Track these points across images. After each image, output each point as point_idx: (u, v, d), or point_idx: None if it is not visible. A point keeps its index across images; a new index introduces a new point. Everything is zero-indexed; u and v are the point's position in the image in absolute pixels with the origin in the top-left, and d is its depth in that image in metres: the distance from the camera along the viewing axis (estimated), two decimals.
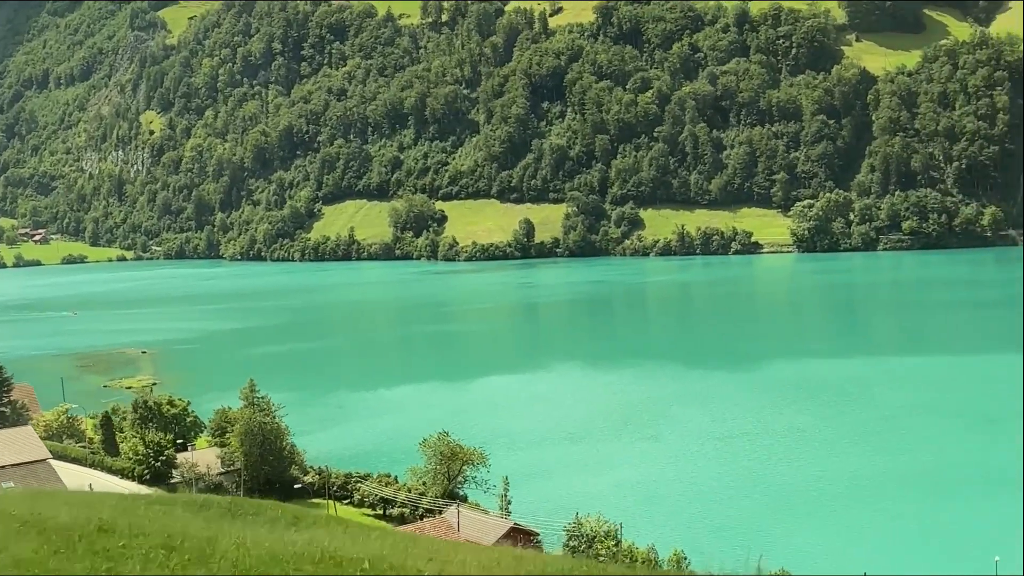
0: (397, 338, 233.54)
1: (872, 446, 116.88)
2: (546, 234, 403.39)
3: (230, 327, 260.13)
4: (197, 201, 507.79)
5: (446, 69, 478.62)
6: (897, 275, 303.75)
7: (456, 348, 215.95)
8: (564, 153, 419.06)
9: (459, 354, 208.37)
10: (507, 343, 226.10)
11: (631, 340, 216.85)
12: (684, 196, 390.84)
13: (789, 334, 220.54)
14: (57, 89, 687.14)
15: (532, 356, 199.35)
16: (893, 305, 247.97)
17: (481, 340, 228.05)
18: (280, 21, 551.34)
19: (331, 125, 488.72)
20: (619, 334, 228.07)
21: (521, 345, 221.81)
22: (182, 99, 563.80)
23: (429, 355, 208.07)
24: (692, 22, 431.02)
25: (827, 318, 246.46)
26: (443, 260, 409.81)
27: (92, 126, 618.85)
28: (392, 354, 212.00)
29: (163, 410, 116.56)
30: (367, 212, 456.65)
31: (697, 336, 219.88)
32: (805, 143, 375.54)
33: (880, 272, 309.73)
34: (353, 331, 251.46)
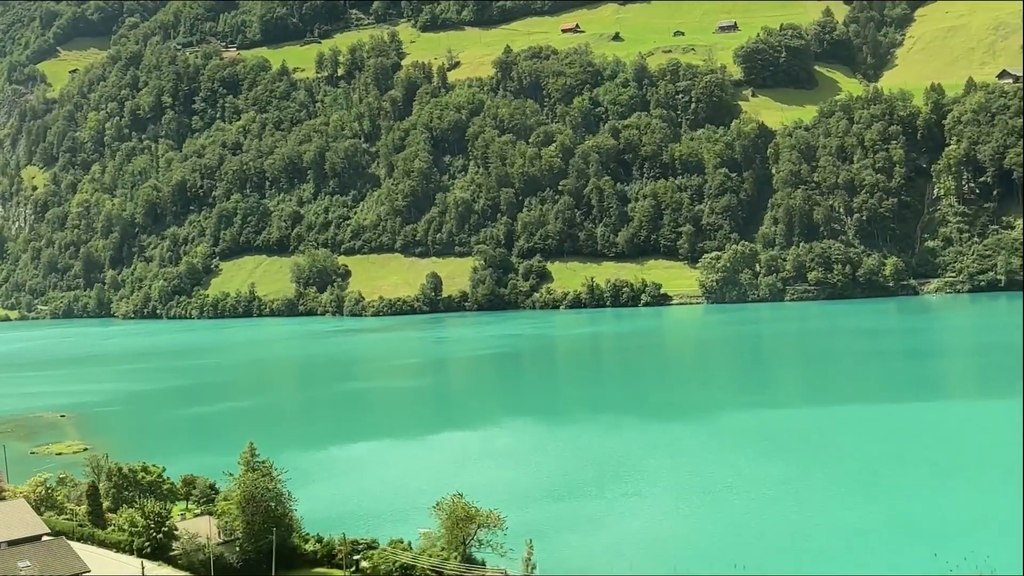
0: (329, 396, 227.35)
1: (859, 495, 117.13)
2: (453, 288, 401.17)
3: (145, 388, 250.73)
4: (85, 258, 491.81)
5: (344, 123, 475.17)
6: (808, 325, 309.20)
7: (395, 405, 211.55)
8: (469, 206, 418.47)
9: (400, 411, 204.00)
10: (445, 399, 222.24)
11: (570, 393, 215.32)
12: (591, 249, 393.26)
13: (723, 384, 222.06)
14: None
15: (476, 411, 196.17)
16: (814, 354, 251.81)
17: (417, 396, 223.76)
18: (170, 74, 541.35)
19: (227, 179, 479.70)
20: (556, 388, 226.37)
21: (459, 400, 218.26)
22: (67, 154, 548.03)
23: (368, 412, 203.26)
24: (592, 76, 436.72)
25: (756, 367, 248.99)
26: (349, 315, 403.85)
27: None
28: (329, 412, 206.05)
29: (139, 477, 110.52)
30: (267, 268, 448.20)
31: (632, 388, 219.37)
32: (709, 196, 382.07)
33: (791, 322, 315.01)
34: (279, 390, 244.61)
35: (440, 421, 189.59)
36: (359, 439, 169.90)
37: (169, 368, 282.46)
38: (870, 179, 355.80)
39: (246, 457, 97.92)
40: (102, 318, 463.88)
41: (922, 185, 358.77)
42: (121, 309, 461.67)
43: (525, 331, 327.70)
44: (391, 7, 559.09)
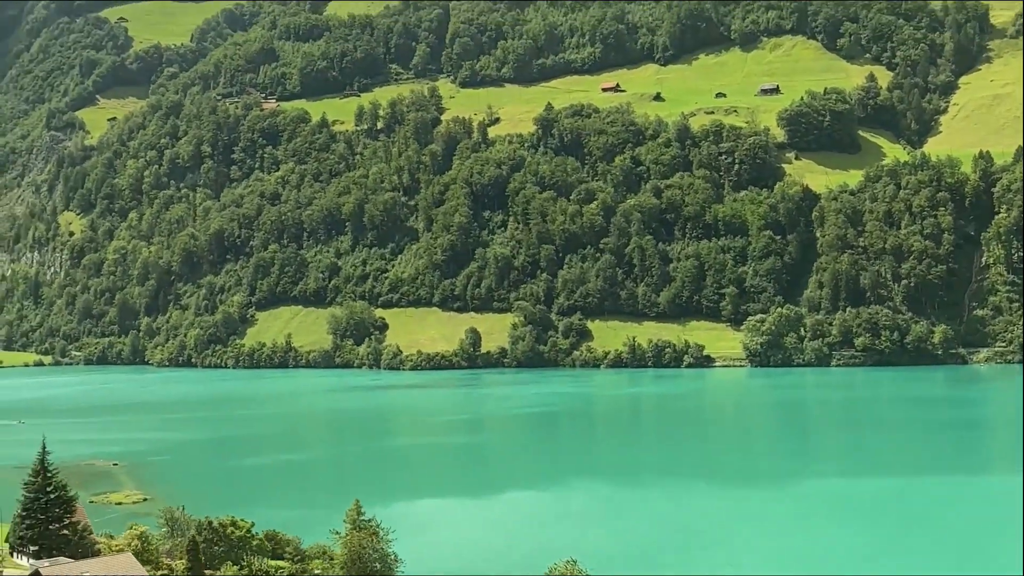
0: (381, 450, 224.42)
1: None
2: (492, 344, 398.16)
3: (193, 437, 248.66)
4: (121, 305, 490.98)
5: (384, 176, 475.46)
6: (857, 392, 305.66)
7: (450, 461, 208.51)
8: (509, 262, 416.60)
9: (457, 468, 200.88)
10: (502, 456, 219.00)
11: (629, 454, 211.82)
12: (632, 308, 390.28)
13: (778, 450, 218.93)
14: None
15: (537, 470, 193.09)
16: (870, 422, 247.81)
17: (471, 453, 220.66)
18: (210, 124, 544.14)
19: (265, 229, 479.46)
20: (613, 448, 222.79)
21: (516, 458, 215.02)
22: (105, 200, 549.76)
23: (425, 468, 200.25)
24: (633, 136, 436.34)
25: (809, 433, 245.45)
26: (387, 369, 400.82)
27: (4, 226, 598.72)
28: (385, 467, 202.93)
29: (228, 532, 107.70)
30: (304, 319, 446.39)
31: (689, 451, 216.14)
32: (753, 257, 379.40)
33: (839, 389, 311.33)
34: (328, 443, 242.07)
35: (503, 479, 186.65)
36: (424, 495, 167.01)
37: (213, 418, 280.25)
38: (918, 245, 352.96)
39: (352, 515, 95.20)
40: (136, 365, 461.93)
41: (970, 253, 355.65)
42: (156, 357, 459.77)
43: (569, 390, 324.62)
44: (431, 63, 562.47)
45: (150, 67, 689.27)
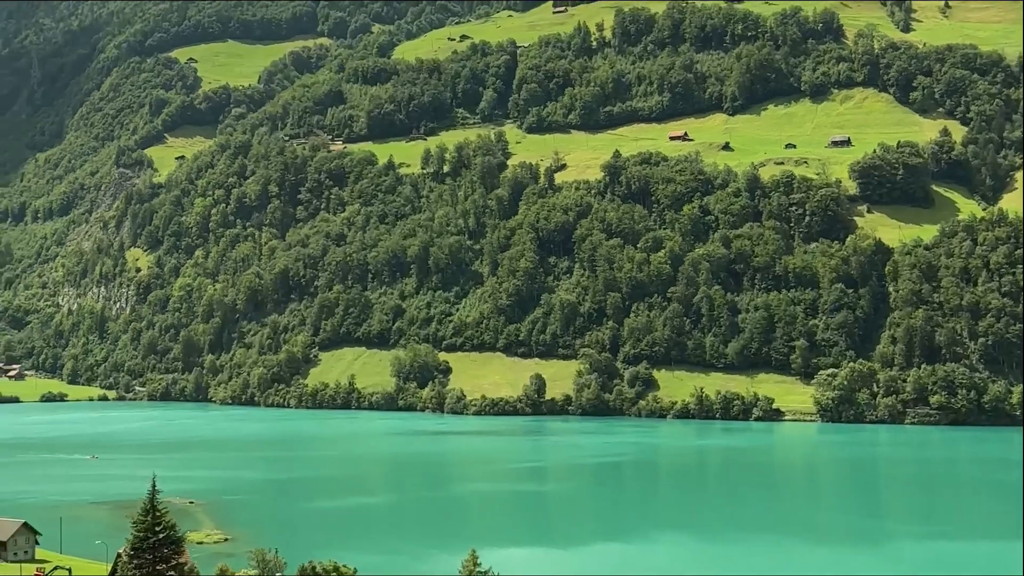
0: (457, 495, 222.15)
1: None
2: (556, 391, 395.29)
3: (266, 477, 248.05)
4: (185, 342, 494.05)
5: (449, 219, 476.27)
6: (937, 452, 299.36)
7: (530, 509, 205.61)
8: (574, 309, 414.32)
9: (539, 516, 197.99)
10: (581, 505, 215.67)
11: (711, 508, 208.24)
12: (699, 358, 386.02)
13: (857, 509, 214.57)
14: (34, 223, 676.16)
15: (620, 521, 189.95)
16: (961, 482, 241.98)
17: (550, 502, 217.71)
18: (277, 164, 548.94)
19: (330, 270, 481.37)
20: (694, 501, 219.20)
21: (596, 508, 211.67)
22: (172, 238, 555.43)
23: (504, 516, 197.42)
24: (702, 185, 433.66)
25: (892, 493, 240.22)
26: (450, 413, 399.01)
27: (71, 261, 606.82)
28: (464, 513, 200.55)
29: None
30: (367, 360, 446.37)
31: (771, 506, 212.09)
32: (824, 311, 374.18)
33: (916, 447, 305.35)
34: (403, 487, 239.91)
35: (584, 530, 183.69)
36: (509, 544, 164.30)
37: (282, 458, 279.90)
38: (996, 303, 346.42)
39: (468, 567, 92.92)
40: (199, 402, 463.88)
41: None
42: (219, 394, 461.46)
43: (637, 439, 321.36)
44: (497, 108, 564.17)
45: (218, 107, 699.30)
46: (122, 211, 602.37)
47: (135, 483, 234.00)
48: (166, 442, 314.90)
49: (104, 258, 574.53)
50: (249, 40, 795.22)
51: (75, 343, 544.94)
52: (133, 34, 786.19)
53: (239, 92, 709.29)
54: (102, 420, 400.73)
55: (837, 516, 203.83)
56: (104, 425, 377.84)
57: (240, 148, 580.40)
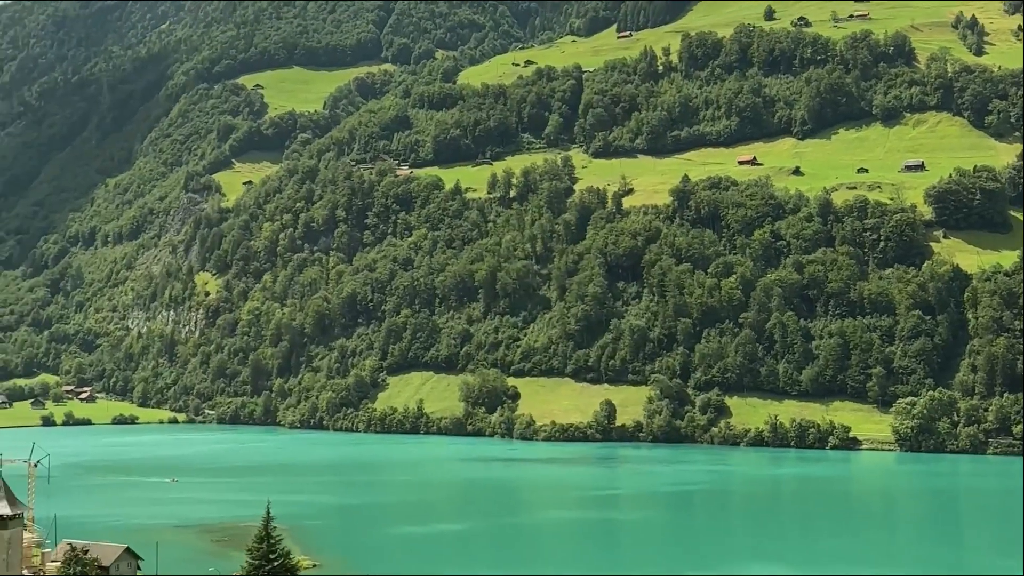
0: (543, 522, 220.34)
1: None
2: (627, 417, 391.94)
3: (345, 502, 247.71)
4: (254, 365, 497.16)
5: (517, 244, 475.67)
6: None
7: (622, 537, 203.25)
8: (644, 334, 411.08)
9: (634, 544, 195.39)
10: (668, 535, 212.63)
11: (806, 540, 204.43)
12: (772, 385, 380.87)
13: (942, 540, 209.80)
14: (104, 247, 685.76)
15: (717, 552, 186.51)
16: None
17: (641, 530, 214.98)
18: (344, 189, 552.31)
19: (397, 294, 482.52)
20: (770, 530, 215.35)
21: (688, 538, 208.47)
22: (240, 262, 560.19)
23: (597, 544, 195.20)
24: (773, 209, 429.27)
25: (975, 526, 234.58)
26: (519, 438, 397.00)
27: (140, 285, 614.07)
28: (554, 541, 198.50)
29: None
30: (435, 385, 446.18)
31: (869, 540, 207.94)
32: (901, 338, 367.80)
33: (1002, 478, 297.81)
34: (486, 513, 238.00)
35: (663, 559, 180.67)
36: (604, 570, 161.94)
37: (358, 482, 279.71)
38: None
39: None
40: (268, 426, 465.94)
41: None
42: (288, 418, 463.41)
43: (714, 467, 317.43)
44: (563, 132, 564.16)
45: (284, 132, 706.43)
46: (191, 235, 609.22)
47: (217, 507, 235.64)
48: (241, 466, 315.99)
49: (173, 282, 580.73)
50: (314, 66, 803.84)
51: (145, 366, 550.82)
52: (201, 61, 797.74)
53: (305, 118, 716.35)
54: (175, 443, 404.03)
55: (917, 547, 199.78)
56: (178, 448, 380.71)
57: (307, 173, 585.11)
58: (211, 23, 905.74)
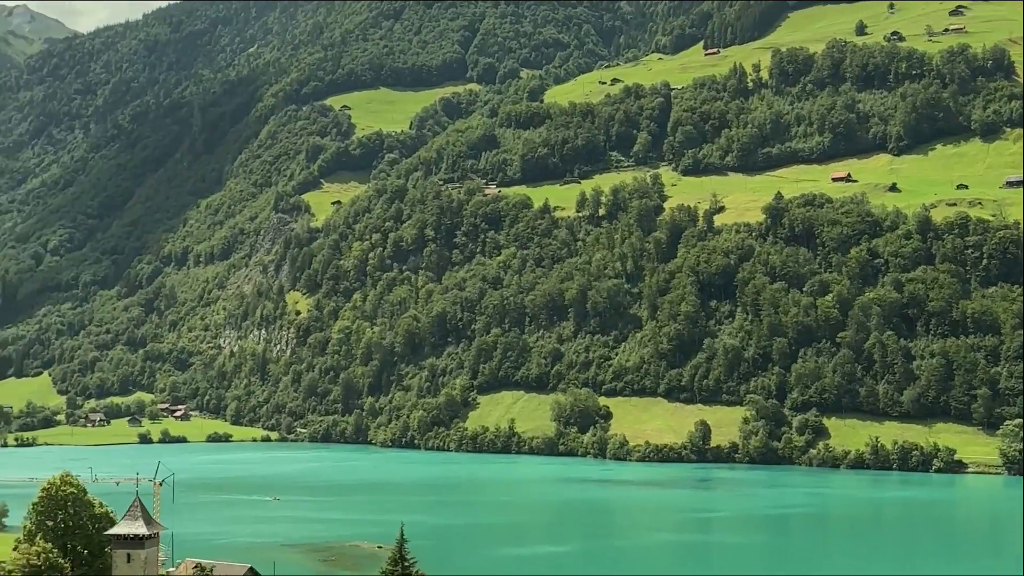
0: (652, 545, 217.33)
1: None
2: (722, 437, 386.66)
3: (446, 522, 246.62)
4: (345, 384, 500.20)
5: (607, 263, 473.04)
6: None
7: (728, 560, 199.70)
8: (738, 354, 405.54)
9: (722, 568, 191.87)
10: (770, 560, 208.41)
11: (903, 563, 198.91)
12: (872, 406, 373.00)
13: None
14: (196, 267, 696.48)
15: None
16: None
17: (734, 553, 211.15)
18: (433, 208, 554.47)
19: (487, 313, 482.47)
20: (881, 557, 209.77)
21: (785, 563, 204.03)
22: (330, 281, 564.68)
23: (707, 568, 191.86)
24: (869, 227, 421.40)
25: None
26: (612, 459, 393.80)
27: (232, 304, 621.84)
28: (664, 565, 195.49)
29: None
30: (526, 404, 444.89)
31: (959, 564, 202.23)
32: (1007, 358, 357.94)
33: None
34: (583, 535, 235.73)
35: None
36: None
37: (457, 502, 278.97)
38: None
39: None
40: (359, 444, 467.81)
41: None
42: (379, 436, 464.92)
43: (814, 489, 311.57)
44: (652, 150, 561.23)
45: (371, 152, 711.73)
46: (281, 255, 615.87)
47: (320, 526, 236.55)
48: (339, 484, 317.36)
49: (264, 301, 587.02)
50: (400, 87, 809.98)
51: (237, 384, 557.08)
52: (289, 83, 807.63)
53: (391, 138, 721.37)
54: (270, 461, 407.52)
55: None
56: (273, 466, 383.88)
57: (396, 193, 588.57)
58: (299, 45, 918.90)
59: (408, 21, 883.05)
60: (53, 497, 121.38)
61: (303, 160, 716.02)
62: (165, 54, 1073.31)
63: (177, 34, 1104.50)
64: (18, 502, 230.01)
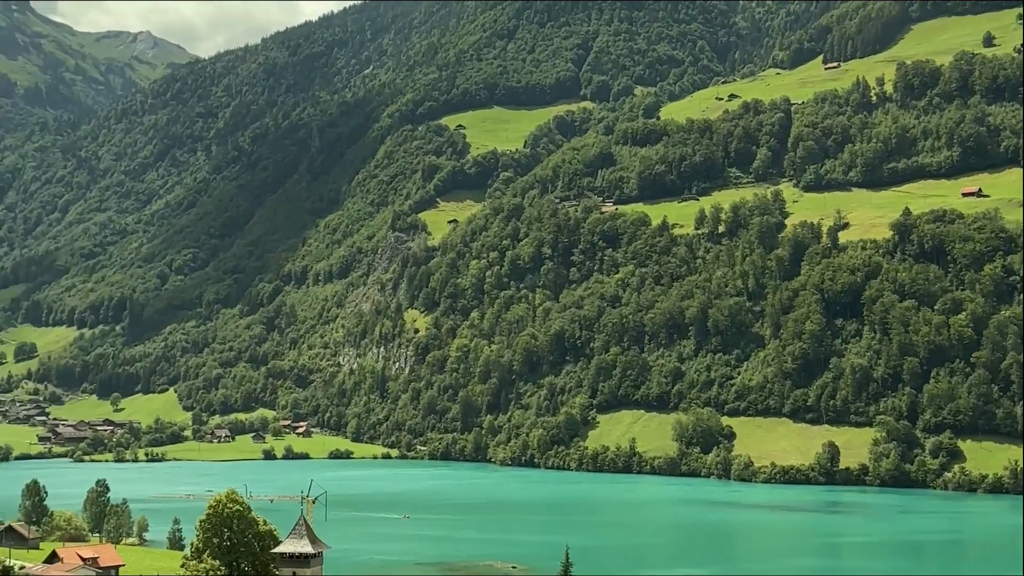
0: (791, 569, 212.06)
1: None
2: (850, 459, 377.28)
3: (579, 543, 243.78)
4: (464, 402, 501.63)
5: (728, 280, 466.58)
6: None
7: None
8: (866, 374, 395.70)
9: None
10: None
11: None
12: (1010, 429, 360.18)
13: None
14: (316, 286, 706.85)
15: None
16: None
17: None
18: (550, 227, 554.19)
19: (605, 332, 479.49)
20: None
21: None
22: (448, 299, 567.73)
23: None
24: (1004, 243, 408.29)
25: None
26: (736, 480, 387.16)
27: (351, 322, 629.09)
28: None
29: None
30: (646, 423, 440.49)
31: None
32: None
33: None
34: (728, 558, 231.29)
35: None
36: None
37: (585, 522, 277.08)
38: None
39: None
40: (478, 462, 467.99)
41: None
42: (498, 455, 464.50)
43: (955, 514, 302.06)
44: (772, 166, 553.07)
45: (486, 171, 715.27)
46: (398, 274, 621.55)
47: (451, 544, 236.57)
48: (465, 502, 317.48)
49: (382, 319, 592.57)
50: (514, 106, 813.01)
51: (357, 402, 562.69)
52: (405, 104, 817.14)
53: (506, 156, 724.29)
54: (393, 478, 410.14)
55: None
56: (398, 483, 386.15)
57: (513, 211, 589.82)
58: (413, 66, 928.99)
59: (522, 40, 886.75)
60: (219, 515, 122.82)
61: (419, 179, 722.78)
62: (283, 77, 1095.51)
63: (295, 57, 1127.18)
64: (157, 517, 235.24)
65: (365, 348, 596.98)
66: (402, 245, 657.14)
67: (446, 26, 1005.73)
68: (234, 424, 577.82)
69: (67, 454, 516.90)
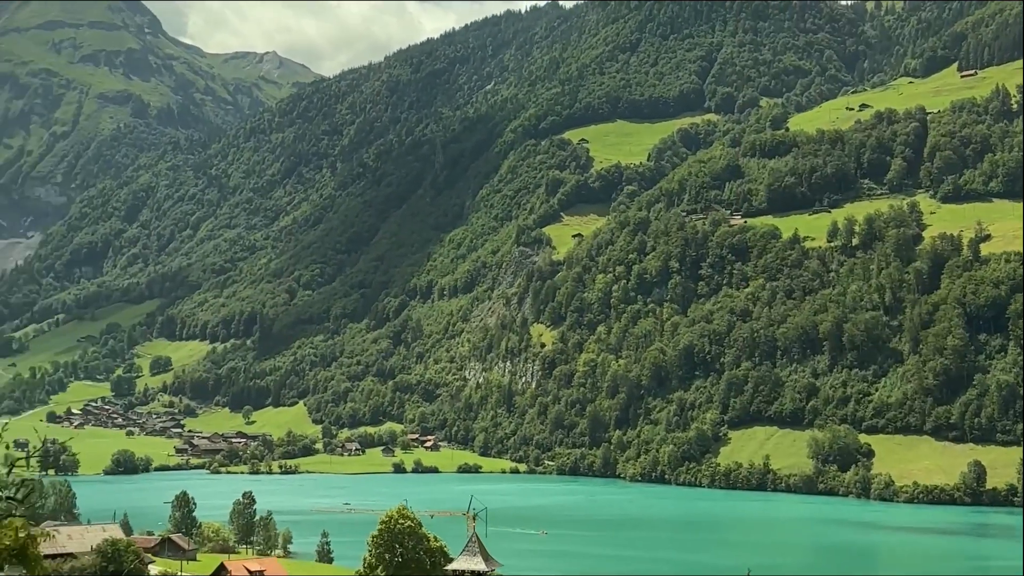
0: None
1: None
2: (997, 479, 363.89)
3: (726, 562, 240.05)
4: (592, 417, 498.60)
5: (863, 294, 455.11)
6: None
7: None
8: (1013, 391, 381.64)
9: None
10: None
11: None
12: None
13: None
14: (441, 300, 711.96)
15: None
16: None
17: None
18: (677, 240, 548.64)
19: (736, 346, 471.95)
20: None
21: None
22: (574, 314, 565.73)
23: None
24: None
25: None
26: (876, 499, 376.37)
27: (476, 336, 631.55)
28: None
29: None
30: (780, 440, 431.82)
31: None
32: None
33: None
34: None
35: None
36: None
37: (731, 541, 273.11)
38: None
39: None
40: (607, 478, 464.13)
41: None
42: (628, 471, 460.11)
43: None
44: (907, 177, 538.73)
45: (610, 185, 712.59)
46: (523, 288, 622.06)
47: (591, 561, 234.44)
48: (599, 518, 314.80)
49: (508, 334, 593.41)
50: (637, 119, 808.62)
51: (484, 416, 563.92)
52: (527, 118, 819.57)
53: (630, 170, 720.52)
54: (524, 493, 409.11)
55: None
56: (529, 498, 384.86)
57: (639, 225, 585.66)
58: (535, 81, 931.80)
59: (644, 53, 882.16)
60: (391, 530, 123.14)
61: (543, 194, 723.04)
62: (406, 94, 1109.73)
63: (417, 74, 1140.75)
64: (300, 529, 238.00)
65: (491, 362, 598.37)
66: (527, 259, 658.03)
67: (567, 40, 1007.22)
68: (363, 437, 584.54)
69: (203, 466, 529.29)
